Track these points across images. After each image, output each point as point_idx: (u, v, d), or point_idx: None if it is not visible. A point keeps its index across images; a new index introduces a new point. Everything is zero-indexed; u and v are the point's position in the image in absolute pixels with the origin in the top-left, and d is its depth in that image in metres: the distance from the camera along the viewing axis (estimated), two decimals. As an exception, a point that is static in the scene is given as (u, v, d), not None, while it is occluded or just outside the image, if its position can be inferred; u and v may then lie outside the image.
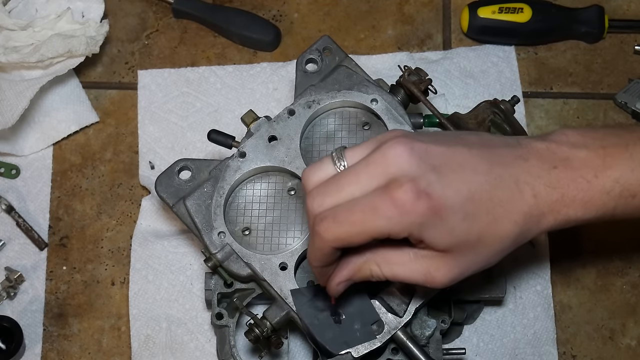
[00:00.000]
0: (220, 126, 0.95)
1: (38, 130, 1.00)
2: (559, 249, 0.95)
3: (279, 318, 0.79)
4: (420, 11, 1.06)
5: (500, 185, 0.64)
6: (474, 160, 0.65)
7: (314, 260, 0.67)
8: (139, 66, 1.04)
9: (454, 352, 0.83)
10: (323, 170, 0.66)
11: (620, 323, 0.93)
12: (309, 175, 0.67)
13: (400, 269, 0.67)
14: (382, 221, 0.62)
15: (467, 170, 0.64)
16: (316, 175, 0.66)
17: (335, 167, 0.66)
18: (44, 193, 0.99)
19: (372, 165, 0.64)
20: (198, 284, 0.95)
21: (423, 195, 0.61)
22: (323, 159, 0.67)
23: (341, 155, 0.66)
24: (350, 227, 0.63)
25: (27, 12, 1.03)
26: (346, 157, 0.66)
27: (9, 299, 0.95)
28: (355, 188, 0.63)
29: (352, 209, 0.63)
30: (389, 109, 0.85)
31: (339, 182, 0.64)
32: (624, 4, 1.06)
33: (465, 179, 0.64)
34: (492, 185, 0.64)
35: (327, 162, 0.66)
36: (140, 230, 0.97)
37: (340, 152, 0.66)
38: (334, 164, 0.66)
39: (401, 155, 0.63)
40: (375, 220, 0.62)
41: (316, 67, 0.89)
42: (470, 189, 0.63)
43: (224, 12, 1.04)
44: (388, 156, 0.63)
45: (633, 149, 0.67)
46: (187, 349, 0.92)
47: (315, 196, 0.64)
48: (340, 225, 0.63)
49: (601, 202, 0.67)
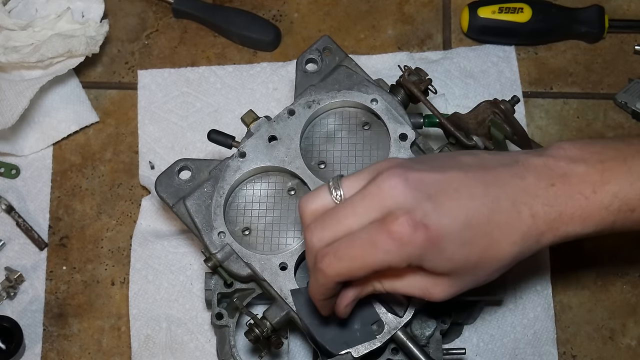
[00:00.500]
0: (220, 126, 0.95)
1: (38, 130, 1.00)
2: (559, 249, 0.95)
3: (279, 318, 0.79)
4: (420, 11, 1.06)
5: (498, 207, 0.64)
6: (469, 184, 0.64)
7: (318, 295, 0.68)
8: (139, 66, 1.04)
9: (454, 352, 0.83)
10: (320, 199, 0.67)
11: (620, 323, 0.93)
12: (306, 204, 0.67)
13: (400, 284, 0.68)
14: (381, 255, 0.63)
15: (463, 195, 0.64)
16: (313, 204, 0.67)
17: (332, 196, 0.66)
18: (43, 193, 0.99)
19: (369, 198, 0.64)
20: (198, 284, 0.95)
21: (420, 226, 0.62)
22: (320, 188, 0.67)
23: (338, 184, 0.66)
24: (351, 263, 0.64)
25: (27, 12, 1.03)
26: (343, 187, 0.66)
27: (9, 299, 0.95)
28: (353, 221, 0.64)
29: (352, 244, 0.63)
30: (389, 109, 0.85)
31: (337, 215, 0.65)
32: (624, 3, 1.06)
33: (461, 205, 0.64)
34: (489, 209, 0.64)
35: (324, 191, 0.67)
36: (140, 230, 0.97)
37: (337, 181, 0.67)
38: (330, 194, 0.66)
39: (396, 188, 0.63)
40: (375, 254, 0.63)
41: (316, 67, 0.89)
42: (467, 215, 0.63)
43: (224, 12, 1.04)
44: (383, 188, 0.63)
45: (631, 163, 0.66)
46: (187, 349, 0.92)
47: (314, 230, 0.65)
48: (341, 261, 0.64)
49: (600, 218, 0.66)
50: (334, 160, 0.85)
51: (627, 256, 0.95)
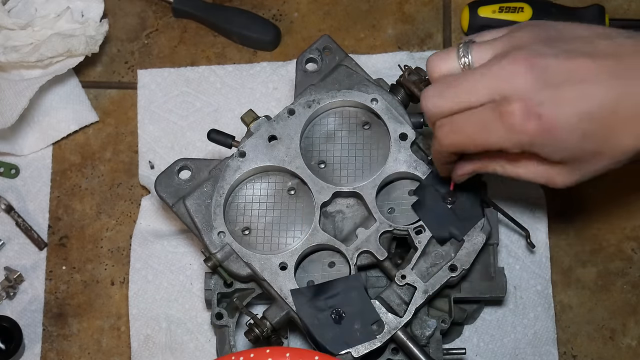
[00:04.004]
0: (220, 126, 0.95)
1: (37, 130, 1.00)
2: (559, 248, 0.95)
3: (279, 318, 0.79)
4: (420, 10, 1.06)
5: (625, 100, 0.63)
6: (597, 75, 0.63)
7: (435, 157, 0.74)
8: (138, 66, 1.04)
9: (454, 352, 0.83)
10: (447, 62, 0.68)
11: (620, 323, 0.93)
12: (434, 63, 0.69)
13: (523, 170, 0.69)
14: (493, 138, 0.64)
15: (589, 86, 0.63)
16: (440, 66, 0.68)
17: (459, 61, 0.67)
18: (43, 193, 0.99)
19: (489, 78, 0.64)
20: (198, 284, 0.95)
21: (533, 116, 0.62)
22: (449, 50, 0.68)
23: (467, 51, 0.67)
24: (464, 139, 0.66)
25: (26, 12, 1.03)
26: (472, 54, 0.67)
27: (9, 299, 0.95)
28: (471, 97, 0.65)
29: (467, 121, 0.65)
30: (389, 109, 0.85)
31: (456, 88, 0.66)
32: (624, 3, 1.06)
33: (585, 96, 0.62)
34: (615, 101, 0.63)
35: (452, 54, 0.68)
36: (139, 230, 0.97)
37: (467, 47, 0.67)
38: (458, 58, 0.67)
39: (518, 74, 0.63)
40: (487, 136, 0.65)
41: (316, 67, 0.89)
42: (590, 106, 0.62)
43: (223, 12, 1.04)
44: (505, 72, 0.63)
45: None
46: (186, 349, 0.92)
47: (430, 96, 0.67)
48: (456, 135, 0.67)
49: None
50: (334, 160, 0.85)
51: (627, 256, 0.95)
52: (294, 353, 0.66)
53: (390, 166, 0.83)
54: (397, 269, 0.80)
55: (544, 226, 0.95)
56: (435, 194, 0.81)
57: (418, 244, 0.80)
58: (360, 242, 0.81)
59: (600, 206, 0.97)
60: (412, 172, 0.83)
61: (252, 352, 0.66)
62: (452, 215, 0.81)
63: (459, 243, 0.81)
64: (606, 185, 0.95)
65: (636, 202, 0.97)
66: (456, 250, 0.80)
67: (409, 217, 0.83)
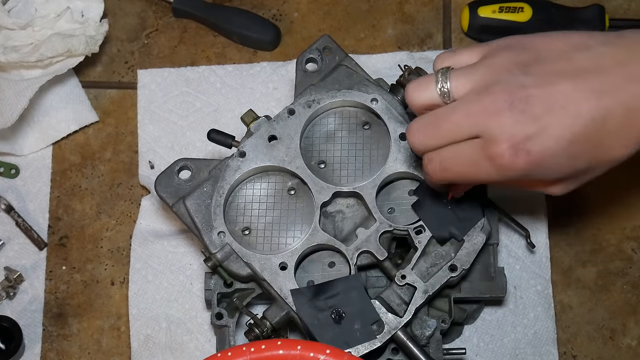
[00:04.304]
0: (220, 126, 0.95)
1: (37, 130, 1.00)
2: (559, 248, 0.95)
3: (279, 318, 0.79)
4: (420, 10, 1.05)
5: (609, 116, 0.63)
6: (579, 97, 0.63)
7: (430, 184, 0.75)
8: (138, 65, 1.04)
9: (454, 352, 0.83)
10: (426, 92, 0.68)
11: (620, 323, 0.93)
12: (413, 94, 0.69)
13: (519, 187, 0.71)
14: (482, 175, 0.66)
15: (572, 111, 0.62)
16: (420, 96, 0.69)
17: (438, 90, 0.67)
18: (43, 193, 0.99)
19: (473, 116, 0.64)
20: (198, 284, 0.95)
21: (521, 152, 0.63)
22: (427, 79, 0.68)
23: (445, 80, 0.67)
24: (455, 176, 0.68)
25: (26, 12, 1.03)
26: (451, 81, 0.67)
27: (9, 299, 0.95)
28: (456, 134, 0.66)
29: (455, 160, 0.67)
30: (389, 109, 0.85)
31: (439, 126, 0.67)
32: (624, 3, 1.06)
33: (570, 121, 0.62)
34: (599, 121, 0.63)
35: (431, 83, 0.68)
36: (139, 230, 0.97)
37: (445, 76, 0.67)
38: (436, 87, 0.67)
39: (501, 112, 0.63)
40: (477, 173, 0.66)
41: (316, 67, 0.89)
42: (574, 133, 0.63)
43: (223, 12, 1.04)
44: (488, 111, 0.64)
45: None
46: (186, 349, 0.92)
47: (415, 133, 0.68)
48: (445, 171, 0.68)
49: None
50: (334, 160, 0.85)
51: (627, 256, 0.95)
52: (305, 345, 0.66)
53: (390, 166, 0.83)
54: (397, 269, 0.80)
55: (544, 226, 0.95)
56: (435, 194, 0.81)
57: (418, 244, 0.80)
58: (360, 242, 0.81)
59: (600, 206, 0.97)
60: (412, 172, 0.83)
61: (263, 343, 0.66)
62: (452, 215, 0.81)
63: (459, 243, 0.81)
64: (606, 185, 0.95)
65: (636, 202, 0.97)
66: (456, 250, 0.80)
67: (409, 217, 0.83)
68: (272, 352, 0.66)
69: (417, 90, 0.69)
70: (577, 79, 0.63)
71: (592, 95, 0.63)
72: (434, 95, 0.68)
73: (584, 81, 0.63)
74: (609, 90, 0.63)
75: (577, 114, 0.63)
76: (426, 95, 0.68)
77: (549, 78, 0.64)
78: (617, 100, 0.63)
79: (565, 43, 0.66)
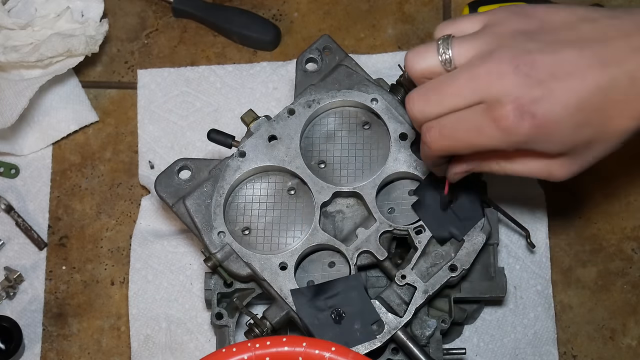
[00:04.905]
0: (220, 125, 0.95)
1: (37, 130, 1.00)
2: (559, 248, 0.95)
3: (279, 318, 0.79)
4: (420, 10, 1.05)
5: (615, 85, 0.62)
6: (584, 65, 0.62)
7: (425, 159, 0.72)
8: (138, 65, 1.04)
9: (454, 352, 0.83)
10: (426, 59, 0.66)
11: (620, 323, 0.93)
12: (413, 60, 0.67)
13: (520, 167, 0.68)
14: (486, 139, 0.63)
15: (577, 77, 0.62)
16: (419, 63, 0.66)
17: (439, 57, 0.65)
18: (43, 193, 0.99)
19: (476, 81, 0.63)
20: (198, 284, 0.95)
21: (527, 115, 0.61)
22: (428, 46, 0.66)
23: (447, 47, 0.65)
24: (455, 142, 0.65)
25: (26, 11, 1.03)
26: (452, 48, 0.65)
27: (9, 299, 0.95)
28: (458, 101, 0.64)
29: (457, 125, 0.64)
30: (389, 109, 0.84)
31: (441, 91, 0.65)
32: (624, 3, 1.06)
33: (574, 88, 0.62)
34: (604, 89, 0.62)
35: (432, 50, 0.66)
36: (139, 230, 0.97)
37: (447, 43, 0.66)
38: (437, 53, 0.66)
39: (506, 75, 0.62)
40: (479, 138, 0.64)
41: (316, 67, 0.88)
42: (579, 98, 0.62)
43: (223, 12, 1.04)
44: (493, 74, 0.62)
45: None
46: (186, 349, 0.92)
47: (415, 101, 0.66)
48: (445, 139, 0.65)
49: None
50: (334, 160, 0.85)
51: (627, 256, 0.95)
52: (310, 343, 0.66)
53: (390, 166, 0.83)
54: (397, 269, 0.80)
55: (544, 226, 0.95)
56: (435, 194, 0.81)
57: (418, 244, 0.80)
58: (360, 242, 0.81)
59: (600, 206, 0.97)
60: (412, 172, 0.83)
61: (268, 339, 0.66)
62: (452, 215, 0.81)
63: (459, 243, 0.81)
64: (606, 185, 0.95)
65: (636, 202, 0.97)
66: (456, 250, 0.80)
67: (409, 217, 0.83)
68: (277, 348, 0.66)
69: (417, 57, 0.67)
70: (582, 48, 0.63)
71: (598, 63, 0.62)
72: (435, 62, 0.66)
73: (589, 49, 0.63)
74: (614, 59, 0.63)
75: (582, 81, 0.62)
76: (427, 63, 0.66)
77: (554, 45, 0.63)
78: (623, 69, 0.62)
79: (570, 14, 0.66)
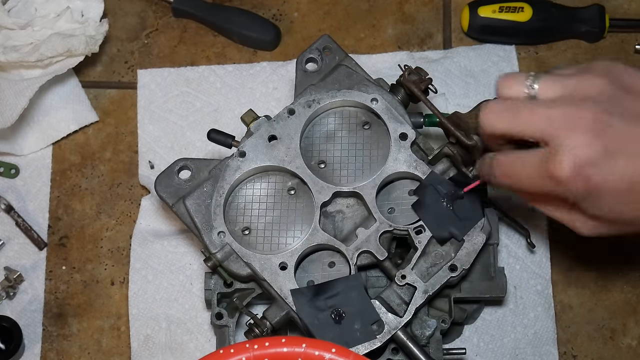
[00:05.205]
0: (220, 125, 0.95)
1: (37, 130, 1.00)
2: (559, 248, 0.95)
3: (279, 318, 0.79)
4: (420, 10, 1.05)
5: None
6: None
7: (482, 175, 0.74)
8: (138, 65, 1.04)
9: (454, 352, 0.83)
10: (514, 86, 0.68)
11: (620, 323, 0.93)
12: (504, 83, 0.69)
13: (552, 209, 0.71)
14: (538, 185, 0.66)
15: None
16: (509, 87, 0.69)
17: (525, 87, 0.67)
18: (43, 193, 0.99)
19: (550, 120, 0.64)
20: (198, 284, 0.94)
21: (582, 176, 0.62)
22: (522, 74, 0.68)
23: (535, 80, 0.67)
24: (512, 180, 0.69)
25: (26, 11, 1.03)
26: (539, 84, 0.67)
27: (9, 299, 0.95)
28: (527, 129, 0.65)
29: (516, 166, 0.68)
30: (389, 109, 0.84)
31: (515, 115, 0.66)
32: (624, 3, 1.06)
33: (635, 167, 0.62)
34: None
35: (522, 79, 0.68)
36: (139, 230, 0.97)
37: (537, 78, 0.67)
38: (525, 83, 0.67)
39: (579, 128, 0.62)
40: (534, 183, 0.66)
41: (316, 67, 0.88)
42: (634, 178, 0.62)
43: (223, 12, 1.04)
44: (568, 121, 0.63)
45: None
46: (186, 349, 0.92)
47: (490, 112, 0.68)
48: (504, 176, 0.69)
49: None
50: (334, 160, 0.85)
51: (627, 256, 0.95)
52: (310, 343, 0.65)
53: (390, 166, 0.83)
54: (397, 269, 0.80)
55: (544, 226, 0.95)
56: (435, 194, 0.81)
57: (418, 244, 0.80)
58: (360, 242, 0.81)
59: (601, 206, 0.97)
60: (412, 172, 0.83)
61: (267, 340, 0.66)
62: (452, 215, 0.81)
63: (459, 243, 0.80)
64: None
65: (636, 202, 0.97)
66: (456, 250, 0.80)
67: (409, 217, 0.83)
68: (276, 349, 0.66)
69: (510, 80, 0.68)
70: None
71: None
72: (521, 90, 0.67)
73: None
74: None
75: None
76: (514, 89, 0.68)
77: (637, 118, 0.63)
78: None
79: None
